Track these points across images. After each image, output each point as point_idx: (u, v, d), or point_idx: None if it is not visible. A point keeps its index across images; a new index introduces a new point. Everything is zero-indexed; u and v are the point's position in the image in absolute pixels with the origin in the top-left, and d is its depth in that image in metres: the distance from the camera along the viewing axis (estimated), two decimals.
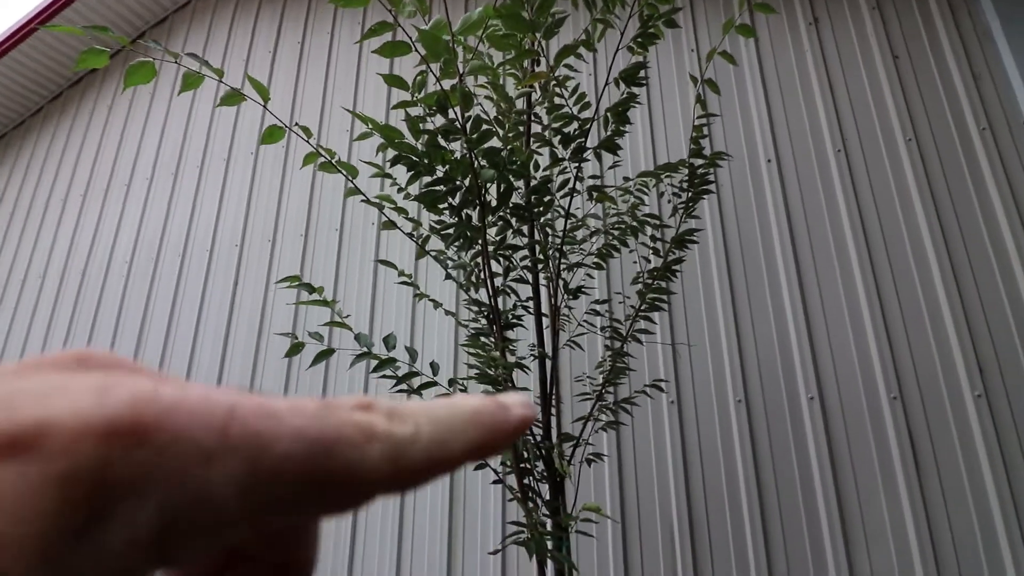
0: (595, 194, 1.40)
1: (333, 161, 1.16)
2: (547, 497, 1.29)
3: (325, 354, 1.31)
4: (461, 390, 1.35)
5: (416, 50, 1.13)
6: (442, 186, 1.33)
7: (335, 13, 3.29)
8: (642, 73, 1.36)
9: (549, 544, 1.17)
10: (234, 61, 3.45)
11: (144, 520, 0.09)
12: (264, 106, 0.94)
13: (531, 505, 1.22)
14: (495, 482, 1.31)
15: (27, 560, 0.08)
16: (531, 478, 1.28)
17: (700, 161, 1.40)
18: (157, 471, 0.09)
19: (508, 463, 1.27)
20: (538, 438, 1.34)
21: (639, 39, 1.28)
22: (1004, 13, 2.16)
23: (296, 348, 1.29)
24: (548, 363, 1.37)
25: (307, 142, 1.08)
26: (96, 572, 0.09)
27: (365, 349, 1.31)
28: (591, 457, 1.42)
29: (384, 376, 1.32)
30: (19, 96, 4.04)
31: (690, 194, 1.41)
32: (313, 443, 0.11)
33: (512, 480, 1.67)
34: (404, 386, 1.40)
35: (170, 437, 0.10)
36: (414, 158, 1.28)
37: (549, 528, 1.21)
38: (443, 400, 0.13)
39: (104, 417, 0.09)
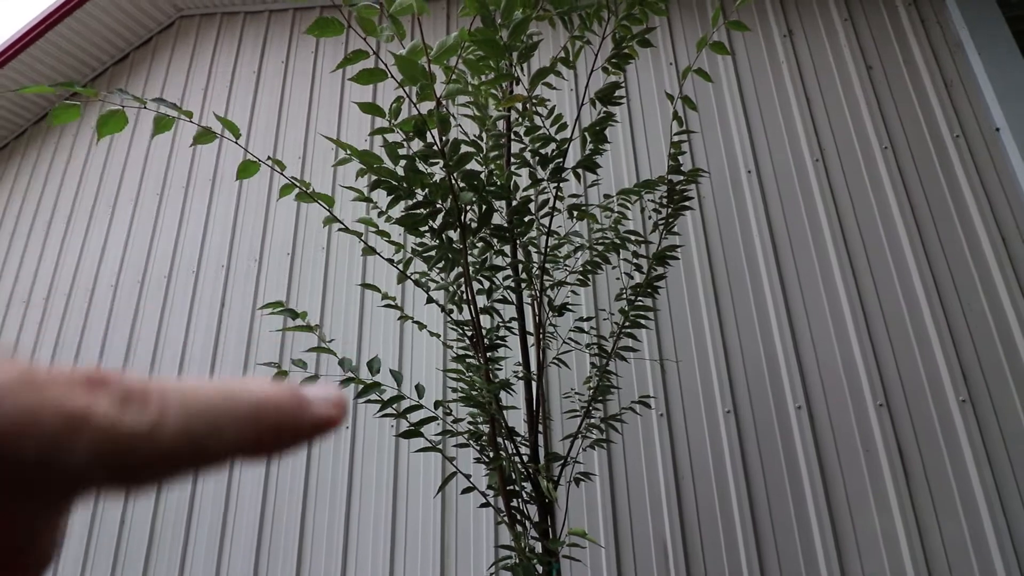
0: (575, 212, 1.40)
1: (309, 192, 1.15)
2: (536, 519, 1.28)
3: (308, 382, 1.30)
4: (447, 413, 1.35)
5: (392, 76, 1.13)
6: (422, 209, 1.33)
7: None
8: (619, 92, 1.37)
9: (540, 568, 1.16)
10: (219, 82, 3.45)
11: None
12: (235, 142, 0.93)
13: (520, 529, 1.21)
14: (483, 505, 1.30)
15: None
16: (519, 500, 1.28)
17: (679, 177, 1.41)
18: None
19: (495, 486, 1.26)
20: (525, 459, 1.33)
21: (613, 60, 1.29)
22: (973, 23, 2.21)
23: (280, 377, 1.28)
24: (534, 383, 1.36)
25: (282, 175, 1.08)
26: None
27: (349, 374, 1.30)
28: (580, 476, 1.41)
29: (369, 401, 1.31)
30: (1, 120, 4.01)
31: (670, 210, 1.42)
32: None
33: (501, 502, 1.66)
34: (391, 410, 1.39)
35: None
36: (393, 182, 1.28)
37: (539, 551, 1.20)
38: (224, 384, 0.11)
39: None
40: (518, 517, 1.25)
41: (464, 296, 1.38)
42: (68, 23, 3.71)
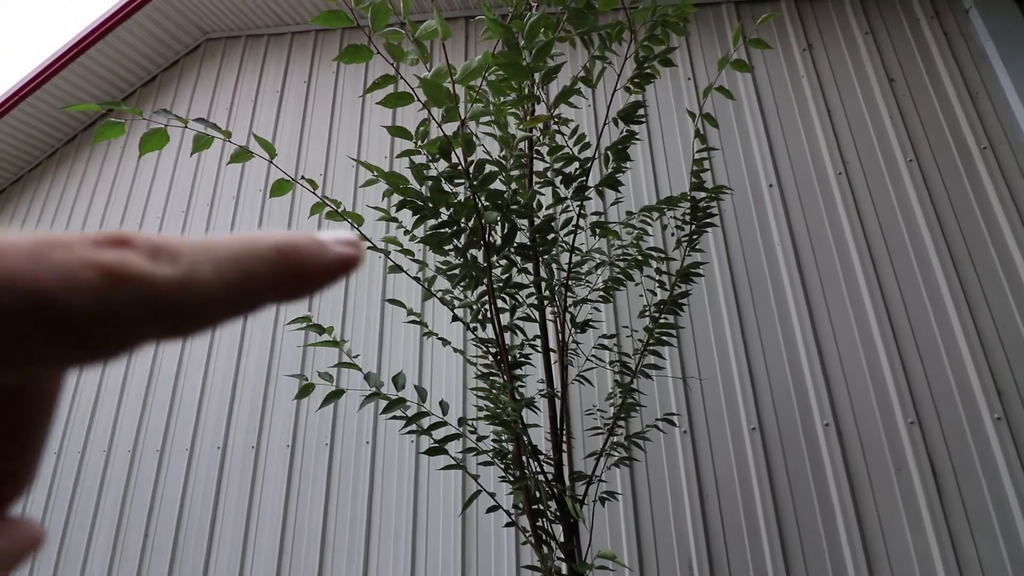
0: (598, 230, 1.41)
1: (339, 210, 1.18)
2: (561, 539, 1.27)
3: (334, 396, 1.31)
4: (471, 431, 1.35)
5: (417, 98, 1.15)
6: (447, 228, 1.34)
7: (339, 52, 3.38)
8: (640, 111, 1.38)
9: None
10: (243, 102, 3.54)
11: None
12: (271, 161, 0.96)
13: (545, 550, 1.20)
14: (508, 525, 1.29)
15: None
16: (544, 520, 1.27)
17: (702, 194, 1.41)
18: None
19: (520, 505, 1.26)
20: (550, 477, 1.32)
21: (635, 79, 1.30)
22: (997, 34, 2.19)
23: (306, 390, 1.29)
24: (557, 401, 1.36)
25: (313, 193, 1.10)
26: None
27: (374, 389, 1.31)
28: (605, 496, 1.40)
29: (394, 417, 1.32)
30: (34, 140, 4.16)
31: (693, 227, 1.41)
32: (25, 293, 0.09)
33: (525, 522, 1.65)
34: (414, 427, 1.40)
35: None
36: (419, 202, 1.30)
37: (565, 573, 1.19)
38: (242, 235, 0.11)
39: None
40: (544, 537, 1.24)
41: (488, 314, 1.39)
42: (99, 47, 3.85)
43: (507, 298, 1.42)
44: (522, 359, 1.39)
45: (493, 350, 1.40)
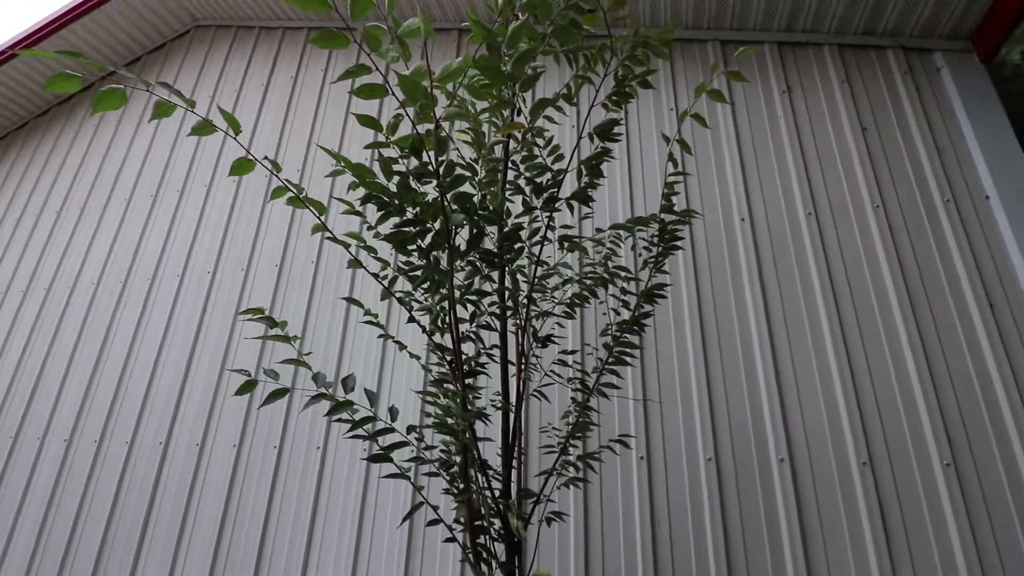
0: (566, 243, 1.39)
1: (301, 196, 1.14)
2: (503, 559, 1.22)
3: (278, 394, 1.25)
4: (417, 439, 1.30)
5: (393, 94, 1.13)
6: (412, 227, 1.31)
7: (329, 51, 3.36)
8: (617, 129, 1.39)
9: None
10: (226, 92, 3.49)
11: None
12: (235, 138, 0.92)
13: (485, 569, 1.15)
14: (447, 540, 1.24)
15: None
16: (486, 537, 1.22)
17: (671, 217, 1.42)
18: None
19: (462, 520, 1.21)
20: (496, 493, 1.28)
21: (614, 97, 1.31)
22: (966, 93, 2.28)
23: (249, 385, 1.23)
24: (511, 415, 1.32)
25: (275, 176, 1.06)
26: None
27: (322, 390, 1.26)
28: (551, 516, 1.35)
29: (340, 420, 1.27)
30: (4, 111, 4.02)
31: (660, 248, 1.41)
32: None
33: (467, 538, 1.59)
34: (360, 432, 1.34)
35: None
36: (385, 198, 1.27)
37: None
38: None
39: None
40: (484, 555, 1.19)
41: (447, 320, 1.35)
42: (83, 23, 3.76)
43: (468, 304, 1.39)
44: (478, 368, 1.35)
45: (449, 357, 1.36)
